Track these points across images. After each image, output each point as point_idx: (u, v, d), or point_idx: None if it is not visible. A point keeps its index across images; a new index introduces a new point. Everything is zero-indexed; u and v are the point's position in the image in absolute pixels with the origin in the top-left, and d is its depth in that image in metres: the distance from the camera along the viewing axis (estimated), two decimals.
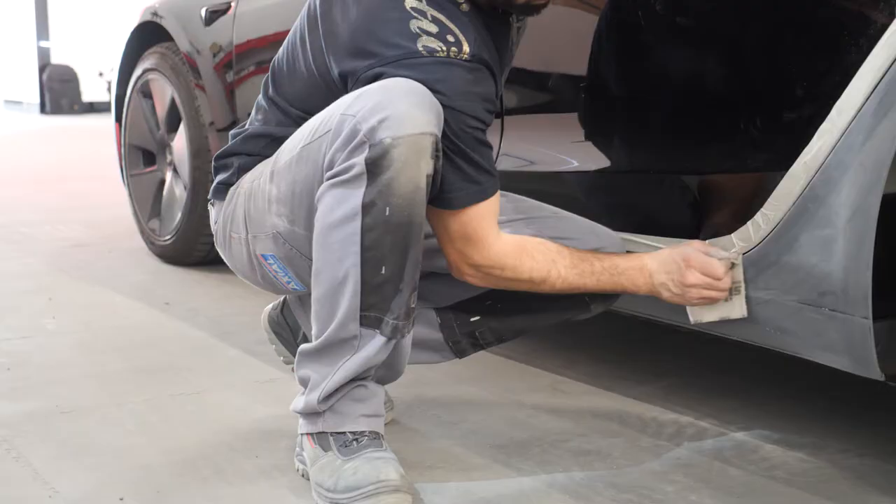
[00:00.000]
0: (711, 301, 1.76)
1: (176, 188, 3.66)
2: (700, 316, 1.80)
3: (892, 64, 1.48)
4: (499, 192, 1.71)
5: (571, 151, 2.18)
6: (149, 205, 3.82)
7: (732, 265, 1.73)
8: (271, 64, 1.91)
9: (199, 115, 3.46)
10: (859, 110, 1.53)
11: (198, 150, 3.45)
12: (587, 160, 2.13)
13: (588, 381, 2.31)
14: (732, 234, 1.76)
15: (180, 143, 3.57)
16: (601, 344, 2.62)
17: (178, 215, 3.60)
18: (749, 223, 1.73)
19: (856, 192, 1.56)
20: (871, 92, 1.51)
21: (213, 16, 3.39)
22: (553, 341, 2.61)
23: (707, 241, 1.78)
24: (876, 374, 1.60)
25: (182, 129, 3.56)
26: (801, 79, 1.67)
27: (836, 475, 1.77)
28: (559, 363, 2.45)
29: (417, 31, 1.63)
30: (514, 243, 1.74)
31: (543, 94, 2.28)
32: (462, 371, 2.33)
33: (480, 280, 1.75)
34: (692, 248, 1.76)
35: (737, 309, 1.75)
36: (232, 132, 1.96)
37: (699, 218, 1.94)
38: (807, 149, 1.62)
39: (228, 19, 3.34)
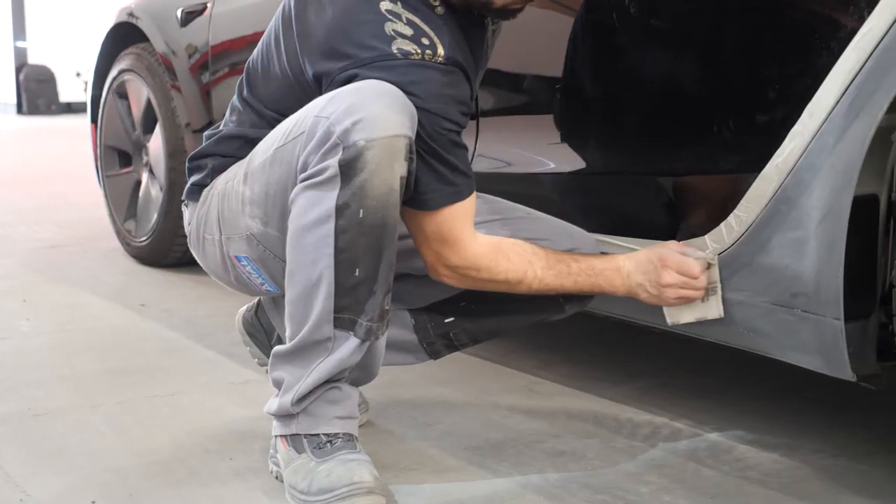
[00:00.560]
0: (688, 301, 1.77)
1: (152, 189, 3.65)
2: (677, 317, 1.81)
3: (862, 67, 1.48)
4: (475, 194, 1.71)
5: (547, 153, 2.19)
6: (124, 206, 3.80)
7: (708, 265, 1.73)
8: (246, 65, 1.90)
9: (175, 116, 3.45)
10: (830, 113, 1.54)
11: (174, 152, 3.44)
12: (563, 162, 2.14)
13: (563, 383, 2.31)
14: (706, 236, 1.77)
15: (156, 144, 3.56)
16: (577, 345, 2.63)
17: (154, 216, 3.59)
18: (722, 225, 1.74)
19: (827, 193, 1.56)
20: (842, 95, 1.52)
21: (189, 17, 3.38)
22: (529, 342, 2.62)
23: (683, 242, 1.79)
24: (848, 374, 1.61)
25: (158, 130, 3.55)
26: (774, 81, 1.67)
27: (809, 475, 1.77)
28: (535, 364, 2.45)
29: (392, 33, 1.63)
30: (490, 244, 1.74)
31: (519, 95, 2.29)
32: (437, 372, 2.33)
33: (457, 281, 1.76)
34: (668, 249, 1.77)
35: (713, 309, 1.75)
36: (206, 133, 1.96)
37: (675, 219, 1.95)
38: (779, 151, 1.62)
39: (204, 20, 3.33)
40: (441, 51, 1.64)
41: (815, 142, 1.57)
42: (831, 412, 2.09)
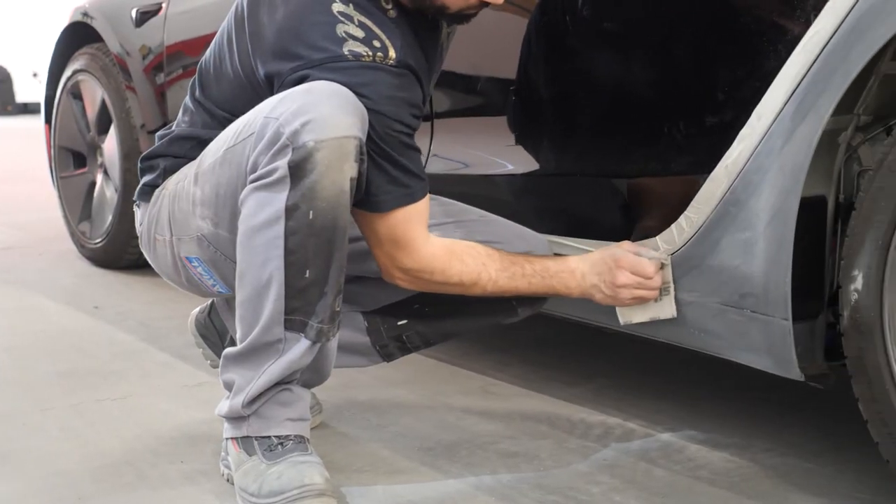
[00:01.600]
0: (642, 301, 1.77)
1: (107, 190, 3.62)
2: (630, 317, 1.81)
3: (809, 70, 1.50)
4: (428, 196, 1.71)
5: (502, 154, 2.19)
6: (79, 207, 3.77)
7: (662, 265, 1.74)
8: (198, 65, 1.90)
9: (130, 116, 3.43)
10: (778, 115, 1.55)
11: (129, 153, 3.42)
12: (517, 163, 2.14)
13: (519, 384, 2.32)
14: (657, 237, 1.78)
15: (111, 145, 3.53)
16: (533, 346, 2.63)
17: (109, 218, 3.56)
18: (673, 226, 1.75)
19: (775, 195, 1.58)
20: (789, 97, 1.53)
21: (144, 17, 3.36)
22: (485, 344, 2.62)
23: (637, 243, 1.79)
24: (796, 374, 1.62)
25: (113, 131, 3.52)
26: (723, 84, 1.69)
27: (758, 474, 1.79)
28: (490, 365, 2.46)
29: (344, 35, 1.63)
30: (443, 247, 1.74)
31: (474, 97, 2.29)
32: (393, 374, 2.33)
33: (410, 283, 1.75)
34: (622, 250, 1.77)
35: (667, 309, 1.76)
36: (158, 133, 1.95)
37: (628, 221, 1.96)
38: (728, 153, 1.64)
39: (159, 20, 3.31)
40: (392, 53, 1.64)
41: (764, 144, 1.58)
42: (783, 411, 2.11)
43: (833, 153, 1.64)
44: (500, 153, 2.20)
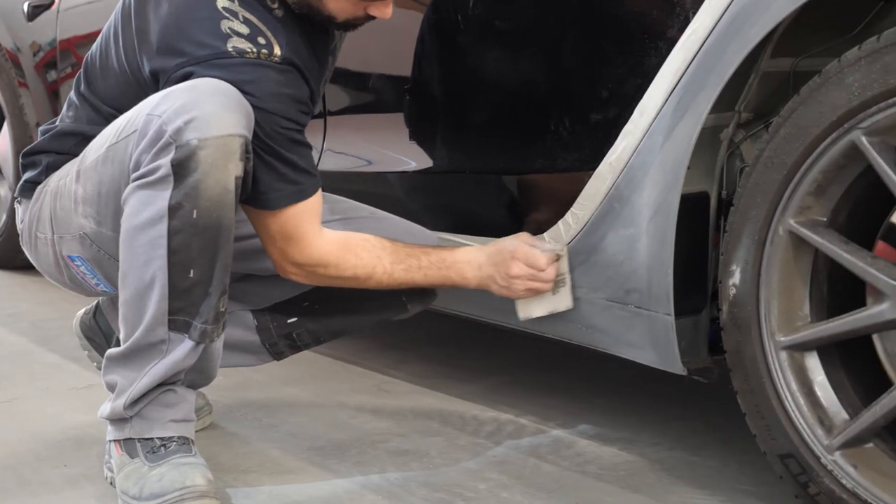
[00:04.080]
0: (537, 293, 1.78)
1: (0, 189, 3.53)
2: (528, 311, 1.81)
3: (687, 67, 1.52)
4: (320, 192, 1.70)
5: (396, 152, 2.18)
6: None
7: (558, 257, 1.75)
8: (84, 59, 1.86)
9: (24, 113, 3.35)
10: (659, 112, 1.57)
11: (22, 151, 3.33)
12: (411, 160, 2.14)
13: (414, 381, 2.32)
14: (545, 234, 1.79)
15: (4, 142, 3.46)
16: (431, 343, 2.63)
17: (3, 217, 3.48)
18: (560, 222, 1.76)
19: (657, 191, 1.60)
20: (669, 94, 1.55)
21: (36, 11, 3.28)
22: (382, 341, 2.61)
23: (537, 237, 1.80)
24: (679, 368, 1.64)
25: (6, 128, 3.44)
26: (607, 80, 1.70)
27: (645, 468, 1.80)
28: (387, 363, 2.45)
29: (228, 31, 1.61)
30: (337, 241, 1.73)
31: (368, 94, 2.28)
32: (288, 372, 2.31)
33: (305, 278, 1.74)
34: (519, 241, 1.77)
35: (563, 301, 1.77)
36: (41, 128, 1.91)
37: (519, 217, 1.97)
38: (612, 149, 1.65)
39: (52, 15, 3.24)
40: (278, 51, 1.62)
41: (646, 140, 1.60)
42: (672, 406, 2.14)
43: (715, 150, 1.66)
44: (394, 150, 2.19)
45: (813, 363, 1.50)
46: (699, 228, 1.68)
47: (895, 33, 1.32)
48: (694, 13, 1.52)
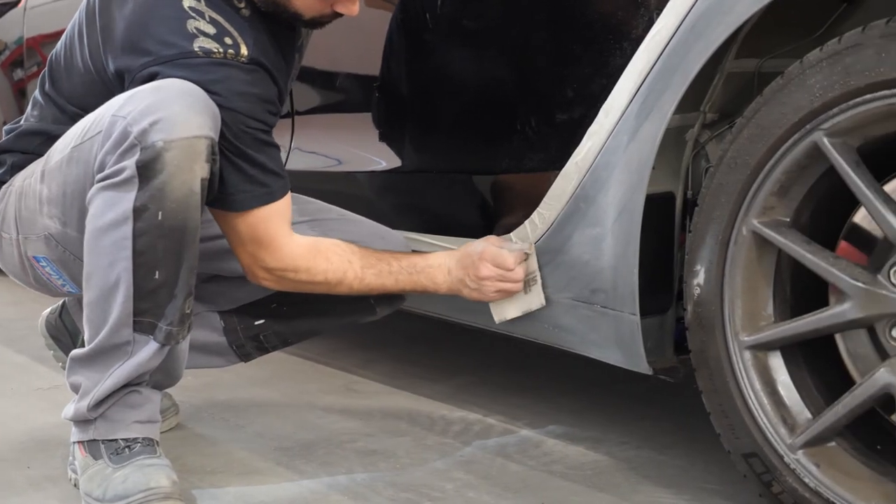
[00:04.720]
0: (508, 294, 1.78)
1: None
2: (503, 314, 1.81)
3: (652, 68, 1.52)
4: (290, 194, 1.69)
5: (365, 151, 2.18)
6: None
7: (526, 256, 1.75)
8: (49, 58, 1.85)
9: None
10: (624, 112, 1.57)
11: None
12: (380, 160, 2.13)
13: (383, 381, 2.31)
14: (512, 233, 1.79)
15: None
16: (400, 343, 2.63)
17: None
18: (527, 222, 1.76)
19: (622, 191, 1.60)
20: (634, 94, 1.55)
21: (3, 9, 3.27)
22: (351, 341, 2.61)
23: (502, 237, 1.80)
24: (645, 368, 1.65)
25: None
26: (573, 80, 1.70)
27: (612, 467, 1.81)
28: (356, 363, 2.45)
29: (194, 31, 1.60)
30: (308, 245, 1.72)
31: (337, 93, 2.27)
32: (256, 372, 2.31)
33: (275, 283, 1.73)
34: (486, 243, 1.78)
35: (535, 300, 1.76)
36: (6, 127, 1.90)
37: (487, 217, 1.97)
38: (578, 149, 1.65)
39: (18, 13, 3.21)
40: (244, 51, 1.62)
41: (611, 140, 1.60)
42: (640, 405, 2.14)
43: (681, 150, 1.67)
44: (363, 149, 2.18)
45: (776, 363, 1.50)
46: (665, 228, 1.68)
47: (856, 35, 1.32)
48: (658, 13, 1.52)
